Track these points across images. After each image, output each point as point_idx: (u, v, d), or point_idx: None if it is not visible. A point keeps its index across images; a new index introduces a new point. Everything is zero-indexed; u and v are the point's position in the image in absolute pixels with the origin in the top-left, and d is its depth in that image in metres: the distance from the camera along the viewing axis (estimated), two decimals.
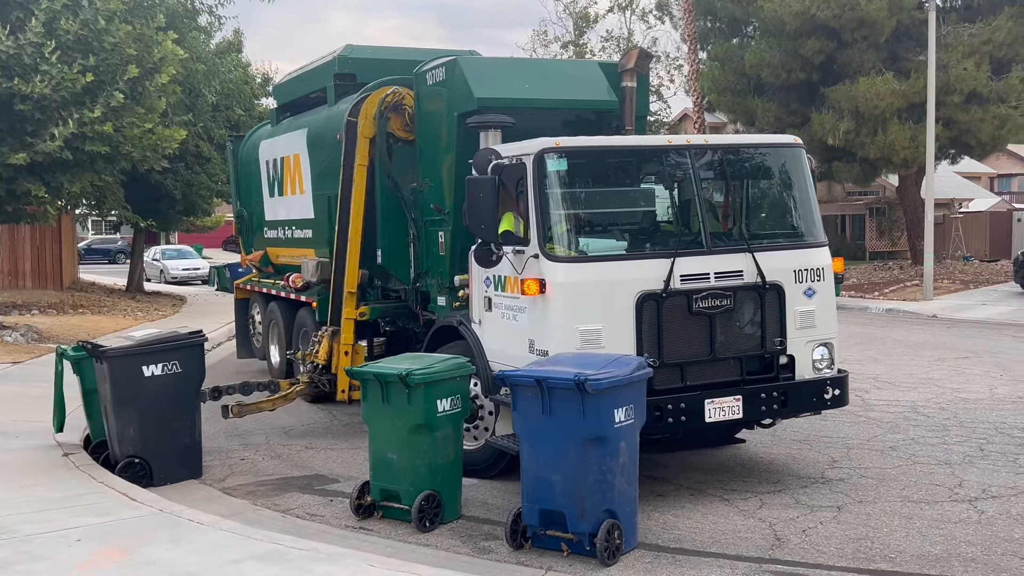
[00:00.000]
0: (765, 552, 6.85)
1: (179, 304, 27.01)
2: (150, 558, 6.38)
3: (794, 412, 8.44)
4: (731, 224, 8.45)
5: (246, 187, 15.43)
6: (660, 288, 7.60)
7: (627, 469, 6.80)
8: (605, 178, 8.48)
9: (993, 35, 27.39)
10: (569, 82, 9.92)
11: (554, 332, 7.49)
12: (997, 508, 7.70)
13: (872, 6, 26.86)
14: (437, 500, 7.48)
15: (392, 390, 7.43)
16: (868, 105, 27.20)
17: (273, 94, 15.10)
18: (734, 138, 8.69)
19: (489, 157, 7.78)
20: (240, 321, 15.70)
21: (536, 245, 7.62)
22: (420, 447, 7.43)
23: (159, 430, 8.80)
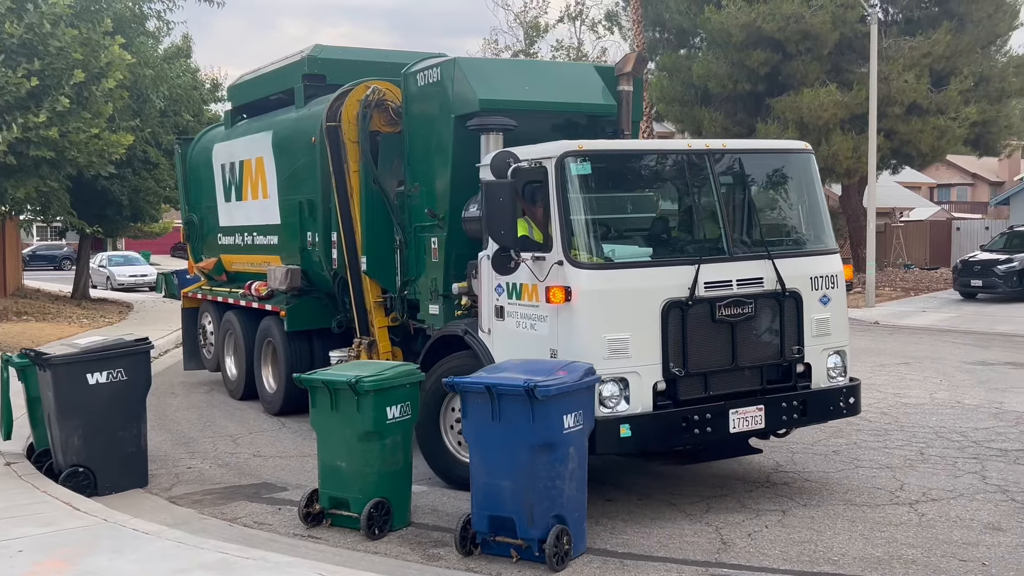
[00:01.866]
0: (711, 556, 6.89)
1: (126, 311, 26.59)
2: (93, 568, 6.27)
3: (812, 421, 8.24)
4: (750, 230, 8.15)
5: (196, 192, 14.76)
6: (685, 296, 7.33)
7: (576, 475, 6.81)
8: (627, 182, 8.17)
9: (932, 48, 27.90)
10: (568, 85, 9.61)
11: (581, 342, 7.16)
12: (937, 511, 7.82)
13: (816, 19, 27.23)
14: (386, 507, 7.43)
15: (341, 397, 7.36)
16: (812, 116, 27.56)
17: (228, 95, 14.40)
18: (749, 143, 8.47)
19: (507, 160, 7.37)
20: (188, 331, 14.91)
21: (560, 251, 7.26)
22: (369, 455, 7.38)
23: (104, 439, 8.64)
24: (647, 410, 7.18)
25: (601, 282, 7.23)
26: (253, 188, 12.70)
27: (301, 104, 11.60)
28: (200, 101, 27.45)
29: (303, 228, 11.33)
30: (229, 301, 13.24)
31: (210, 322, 14.17)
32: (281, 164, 11.88)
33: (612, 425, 7.07)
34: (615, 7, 36.74)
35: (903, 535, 7.24)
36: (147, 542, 6.84)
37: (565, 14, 40.29)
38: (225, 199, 13.62)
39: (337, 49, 12.06)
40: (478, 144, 8.51)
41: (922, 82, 27.84)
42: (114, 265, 39.51)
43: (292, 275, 11.40)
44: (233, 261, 13.63)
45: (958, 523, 7.52)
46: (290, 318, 11.37)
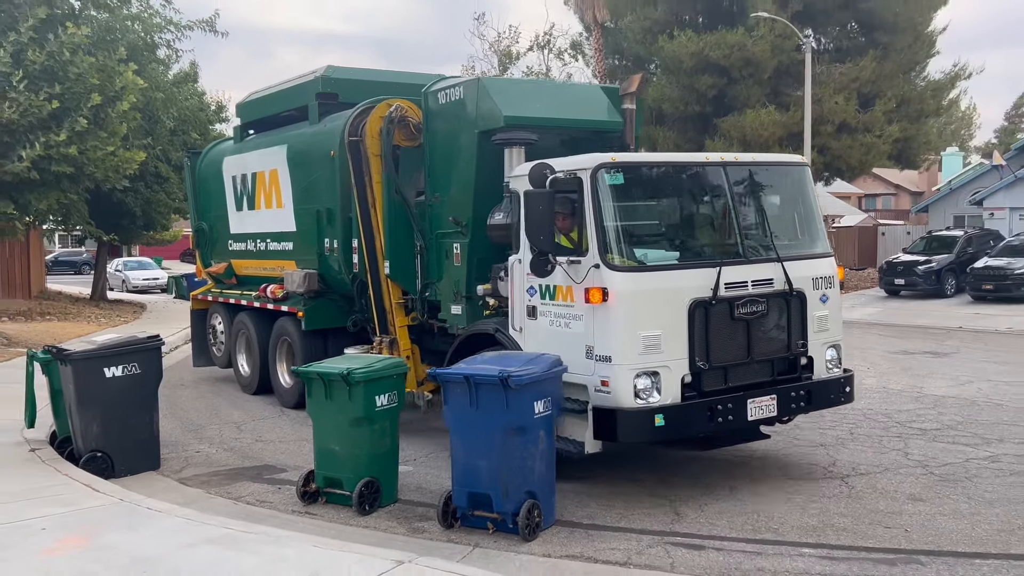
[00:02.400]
0: (667, 526, 6.91)
1: (140, 311, 26.32)
2: (111, 543, 6.20)
3: (815, 408, 8.16)
4: (761, 235, 8.00)
5: (206, 201, 14.29)
6: (709, 295, 7.24)
7: (546, 454, 6.81)
8: (653, 191, 8.00)
9: (860, 74, 28.11)
10: (580, 103, 9.47)
11: (618, 338, 6.99)
12: (865, 484, 7.88)
13: (757, 48, 27.38)
14: (376, 486, 7.39)
15: (334, 388, 7.33)
16: (754, 134, 27.70)
17: (237, 112, 13.66)
18: (757, 156, 8.31)
19: (544, 171, 7.21)
20: (197, 331, 14.46)
21: (596, 255, 7.10)
22: (360, 438, 7.35)
23: (120, 426, 8.56)
24: (676, 401, 7.08)
25: (635, 283, 7.10)
26: (267, 198, 12.41)
27: (316, 120, 11.33)
28: (206, 121, 27.24)
29: (320, 235, 11.04)
30: (242, 303, 12.86)
31: (220, 322, 13.80)
32: (297, 176, 11.60)
33: (648, 415, 6.95)
34: (579, 37, 36.73)
35: (835, 506, 7.29)
36: (159, 519, 6.77)
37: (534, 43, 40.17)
38: (236, 208, 13.26)
39: (348, 70, 11.80)
40: (499, 157, 8.45)
41: (851, 104, 28.05)
42: (129, 269, 39.15)
43: (310, 278, 11.16)
44: (244, 266, 13.32)
45: (884, 494, 7.58)
46: (308, 318, 11.12)
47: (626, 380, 6.94)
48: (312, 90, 11.46)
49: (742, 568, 6.03)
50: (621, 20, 31.07)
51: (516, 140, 8.35)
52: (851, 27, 30.35)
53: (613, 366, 6.97)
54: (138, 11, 20.71)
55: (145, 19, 20.74)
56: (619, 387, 6.94)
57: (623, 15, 30.89)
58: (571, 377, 7.20)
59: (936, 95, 30.79)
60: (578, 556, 6.30)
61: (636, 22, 30.14)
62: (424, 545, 6.53)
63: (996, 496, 7.46)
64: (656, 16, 29.80)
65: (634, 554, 6.31)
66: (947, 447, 9.03)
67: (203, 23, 22.00)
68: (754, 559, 6.19)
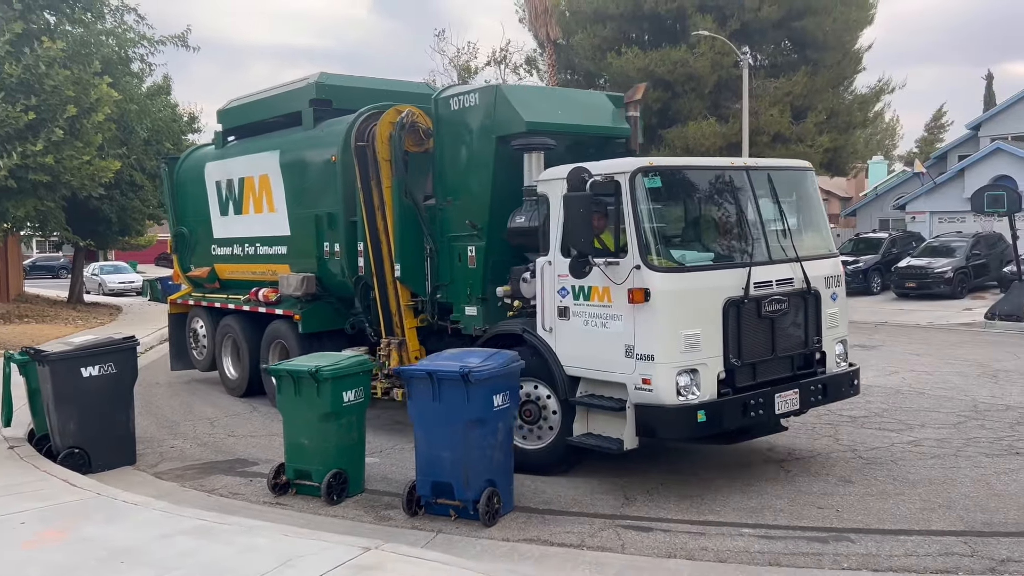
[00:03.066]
0: (617, 510, 6.95)
1: (116, 313, 25.84)
2: (88, 536, 6.09)
3: (829, 400, 7.98)
4: (781, 236, 7.79)
5: (186, 206, 13.56)
6: (741, 295, 7.08)
7: (504, 445, 6.82)
8: (687, 194, 7.80)
9: (793, 88, 28.50)
10: (590, 110, 9.22)
11: (660, 337, 6.78)
12: (799, 468, 7.99)
13: (698, 64, 27.65)
14: (343, 477, 7.35)
15: (303, 384, 7.26)
16: (696, 144, 27.95)
17: (219, 118, 12.98)
18: (770, 161, 8.18)
19: (582, 175, 6.97)
20: (175, 335, 13.74)
21: (637, 257, 6.87)
22: (328, 432, 7.29)
23: (97, 423, 8.40)
24: (713, 397, 6.92)
25: (676, 283, 6.91)
26: (256, 203, 11.87)
27: (311, 126, 10.92)
28: (179, 132, 26.83)
29: (320, 239, 10.56)
30: (229, 307, 12.29)
31: (202, 326, 13.18)
32: (291, 180, 11.11)
33: (691, 412, 6.78)
34: (533, 53, 36.78)
35: (773, 488, 7.39)
36: (135, 512, 6.66)
37: (492, 58, 40.13)
38: (221, 213, 12.67)
39: (341, 77, 11.35)
40: (516, 162, 8.30)
41: (785, 116, 28.43)
42: (105, 273, 38.46)
43: (307, 282, 10.69)
44: (229, 270, 12.71)
45: (817, 477, 7.69)
46: (305, 321, 10.66)
47: (668, 378, 6.76)
48: (306, 96, 11.07)
49: (687, 548, 6.09)
50: (572, 37, 31.20)
51: (535, 145, 8.19)
52: (785, 45, 30.76)
53: (656, 364, 6.77)
54: (112, 26, 20.38)
55: (119, 34, 20.42)
56: (662, 385, 6.76)
57: (574, 33, 31.02)
58: (607, 376, 7.10)
59: (863, 108, 31.35)
60: (535, 540, 6.31)
61: (586, 39, 30.28)
62: (390, 532, 6.50)
63: (918, 477, 7.61)
64: (605, 34, 29.97)
65: (587, 537, 6.34)
66: (874, 433, 9.19)
67: (175, 38, 21.70)
68: (698, 539, 6.25)
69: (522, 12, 35.17)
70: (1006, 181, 28.93)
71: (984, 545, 6.00)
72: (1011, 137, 35.13)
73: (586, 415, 7.39)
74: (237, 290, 12.31)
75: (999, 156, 32.14)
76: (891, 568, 5.67)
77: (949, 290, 24.53)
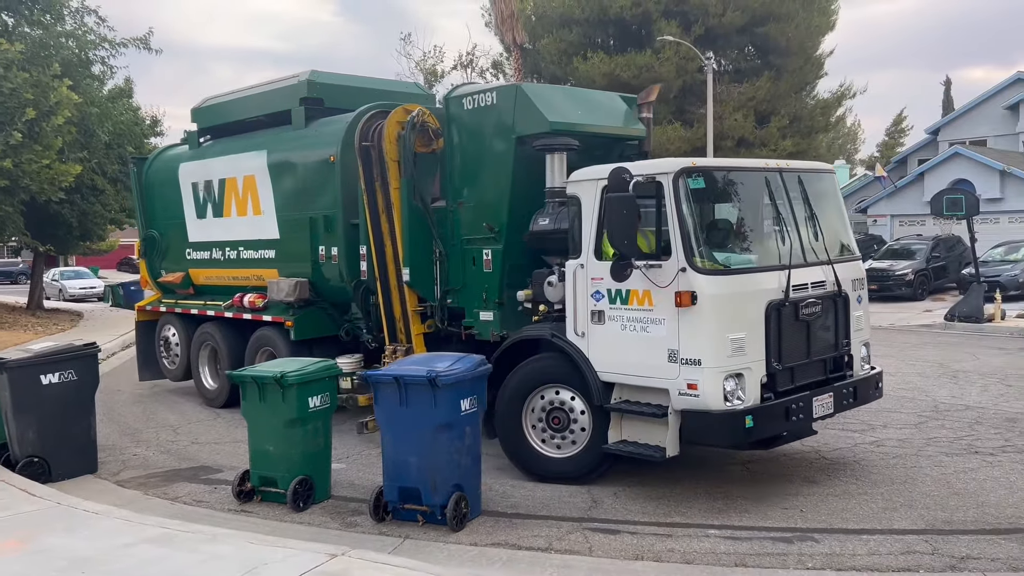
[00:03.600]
0: (584, 513, 6.96)
1: (77, 319, 25.44)
2: (48, 546, 5.97)
3: (858, 404, 7.82)
4: (813, 238, 7.64)
5: (156, 209, 12.94)
6: (781, 297, 6.94)
7: (472, 449, 6.80)
8: (726, 195, 7.60)
9: (756, 93, 28.88)
10: (607, 111, 9.00)
11: (708, 341, 6.61)
12: (764, 469, 8.06)
13: (664, 68, 27.89)
14: (309, 483, 7.28)
15: (268, 390, 7.20)
16: (661, 148, 28.08)
17: (193, 117, 12.40)
18: (797, 164, 7.92)
19: (624, 176, 6.75)
20: (143, 343, 13.08)
21: (683, 259, 6.67)
22: (294, 438, 7.23)
23: (57, 432, 8.26)
24: (756, 402, 6.77)
25: (723, 286, 6.73)
26: (239, 205, 11.35)
27: (301, 125, 10.52)
28: (141, 135, 26.45)
29: (315, 242, 10.16)
30: (207, 313, 11.74)
31: (174, 334, 12.56)
32: (280, 182, 10.67)
33: (739, 417, 6.61)
34: (500, 58, 36.89)
35: (738, 489, 7.44)
36: (97, 521, 6.55)
37: (458, 62, 40.19)
38: (198, 216, 12.09)
39: (332, 75, 10.93)
40: (535, 162, 8.14)
41: (748, 121, 28.78)
42: (66, 279, 37.85)
43: (300, 287, 10.24)
44: (206, 275, 12.16)
45: (781, 478, 7.76)
46: (298, 328, 10.25)
47: (716, 383, 6.59)
48: (296, 94, 10.66)
49: (654, 550, 6.12)
50: (539, 42, 31.33)
51: (558, 146, 8.00)
52: (748, 50, 31.16)
53: (703, 369, 6.59)
54: (72, 28, 20.12)
55: (79, 36, 20.15)
56: (709, 390, 6.58)
57: (540, 37, 31.16)
58: (647, 381, 6.93)
59: (825, 113, 31.84)
60: (503, 543, 6.30)
61: (552, 44, 30.43)
62: (357, 538, 6.46)
63: (880, 477, 7.71)
64: (571, 39, 30.15)
65: (555, 540, 6.34)
66: (837, 433, 9.29)
67: (137, 40, 21.46)
68: (665, 541, 6.28)
69: (488, 16, 35.28)
70: (964, 185, 29.49)
71: (945, 543, 6.09)
72: (969, 142, 35.85)
73: (620, 422, 7.19)
74: (215, 296, 11.89)
75: (957, 160, 32.75)
76: (854, 567, 5.74)
77: (910, 292, 24.90)
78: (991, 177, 31.59)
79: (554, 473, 7.61)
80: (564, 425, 7.56)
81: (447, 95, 9.06)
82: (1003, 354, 14.94)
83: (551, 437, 7.65)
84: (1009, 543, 6.06)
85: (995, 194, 31.26)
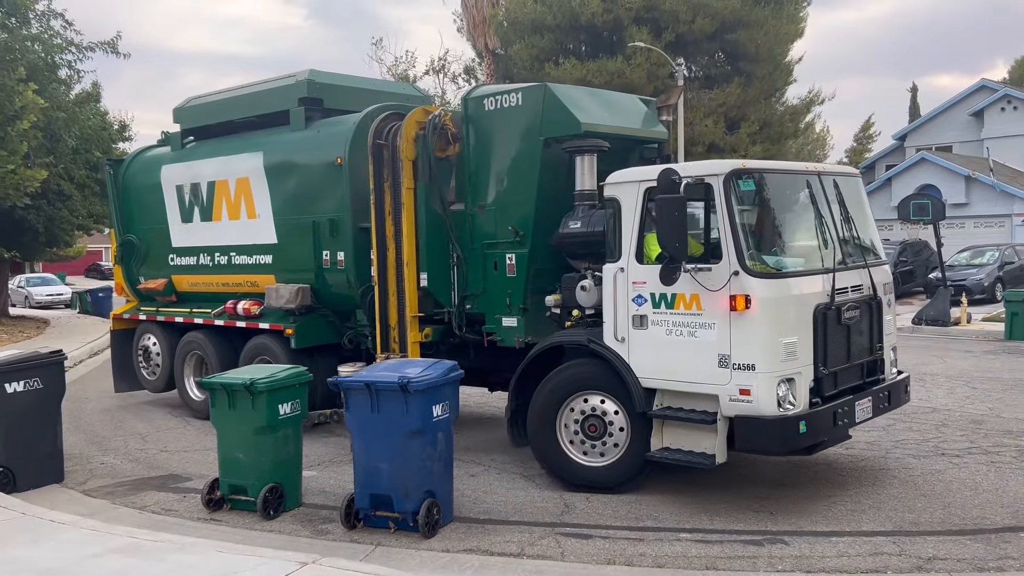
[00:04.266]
0: (557, 518, 6.97)
1: (43, 327, 25.05)
2: (13, 557, 5.88)
3: (892, 408, 7.79)
4: (851, 242, 7.58)
5: (135, 213, 12.40)
6: (827, 301, 6.87)
7: (444, 455, 6.79)
8: (773, 198, 7.41)
9: (727, 99, 29.13)
10: (632, 113, 8.86)
11: (762, 346, 6.50)
12: (734, 471, 8.05)
13: (635, 75, 28.06)
14: (280, 491, 7.23)
15: (238, 397, 7.14)
16: None
17: (176, 117, 11.90)
18: (831, 167, 7.85)
19: (673, 177, 6.55)
20: (119, 353, 12.56)
21: (735, 262, 6.55)
22: (264, 446, 7.17)
23: (22, 441, 8.12)
24: (806, 407, 6.67)
25: (775, 290, 6.63)
26: (231, 208, 10.92)
27: (300, 126, 10.19)
28: (109, 140, 26.14)
29: (318, 247, 9.84)
30: (195, 321, 11.33)
31: (155, 343, 12.08)
32: (279, 184, 10.30)
33: (793, 422, 6.52)
34: (472, 63, 36.93)
35: (709, 492, 7.48)
36: (63, 531, 6.45)
37: (430, 67, 40.16)
38: (183, 220, 11.59)
39: (330, 75, 10.62)
40: (561, 165, 8.02)
41: (719, 126, 29.01)
42: (32, 286, 37.31)
43: (302, 293, 9.88)
44: (192, 281, 11.66)
45: (753, 482, 7.82)
46: (299, 335, 9.89)
47: (770, 388, 6.49)
48: (294, 94, 10.32)
49: (626, 554, 6.14)
50: (511, 48, 31.40)
51: (588, 148, 7.88)
52: (718, 56, 31.42)
53: (757, 374, 6.49)
54: (38, 32, 19.86)
55: (46, 40, 19.91)
56: (762, 395, 6.48)
57: (512, 43, 31.22)
58: (694, 387, 6.81)
59: (794, 119, 32.18)
60: (475, 550, 6.29)
61: (524, 50, 30.50)
62: (328, 546, 6.42)
63: (849, 479, 7.80)
64: (543, 44, 30.24)
65: (527, 545, 6.34)
66: None
67: (105, 44, 21.24)
68: (636, 545, 6.30)
69: (460, 22, 35.33)
70: (931, 190, 29.94)
71: (912, 544, 6.17)
72: (935, 148, 36.39)
73: (661, 429, 7.06)
74: (201, 303, 11.43)
75: (924, 166, 33.25)
76: (823, 569, 5.79)
77: None
78: (957, 182, 32.11)
79: (590, 482, 7.46)
80: (601, 433, 7.38)
81: (465, 95, 8.89)
82: (969, 357, 15.17)
83: (589, 445, 7.46)
84: (974, 544, 6.15)
85: (961, 199, 31.77)
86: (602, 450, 7.43)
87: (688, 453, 6.89)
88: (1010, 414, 10.41)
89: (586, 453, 7.49)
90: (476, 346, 8.84)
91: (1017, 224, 31.55)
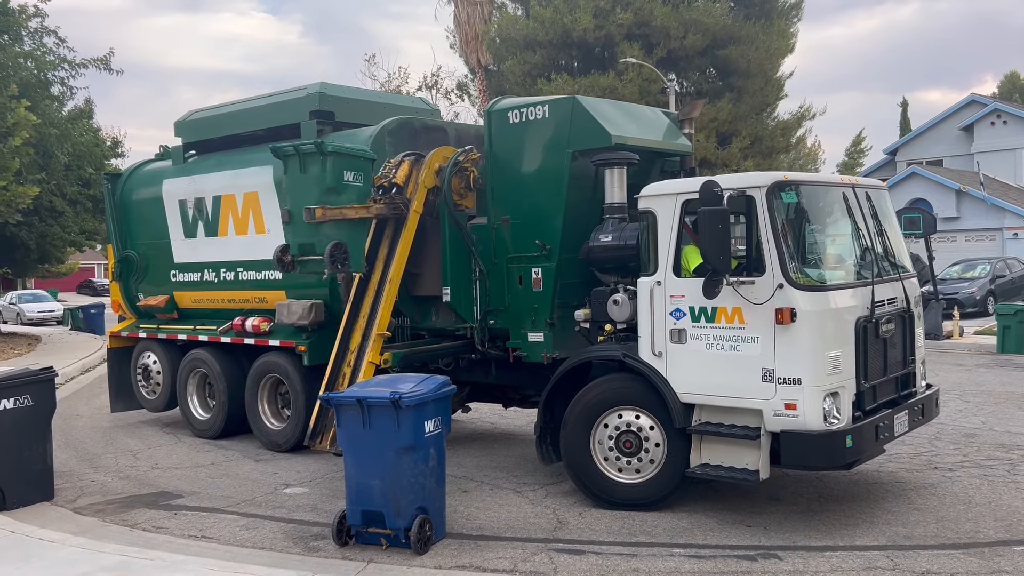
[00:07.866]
0: (550, 533, 6.94)
1: (35, 343, 24.94)
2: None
3: (926, 421, 7.71)
4: (885, 255, 7.55)
5: (131, 228, 12.17)
6: (868, 314, 6.82)
7: (436, 471, 6.75)
8: (813, 211, 7.33)
9: (718, 114, 29.21)
10: (656, 127, 8.84)
11: (807, 360, 6.42)
12: (727, 486, 8.03)
13: (627, 90, 28.14)
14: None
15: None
16: None
17: (178, 131, 11.70)
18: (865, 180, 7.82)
19: (715, 189, 6.46)
20: (117, 372, 12.28)
21: (779, 275, 6.48)
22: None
23: (12, 459, 8.05)
24: (849, 422, 6.60)
25: (820, 303, 6.57)
26: (238, 223, 10.68)
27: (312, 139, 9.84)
28: (102, 156, 26.18)
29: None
30: (199, 338, 11.07)
31: (155, 361, 11.81)
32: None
33: (840, 437, 6.45)
34: (464, 79, 37.05)
35: (702, 507, 7.46)
36: (53, 549, 6.41)
37: (423, 83, 40.28)
38: (187, 235, 11.32)
39: (341, 88, 10.58)
40: (587, 177, 7.98)
41: (711, 141, 29.08)
42: (24, 302, 37.22)
43: (316, 309, 9.70)
44: (195, 297, 11.41)
45: (744, 495, 7.79)
46: (311, 352, 9.68)
47: (816, 402, 6.41)
48: (305, 107, 10.18)
49: (619, 570, 6.11)
50: (503, 64, 31.50)
51: (618, 160, 7.83)
52: (710, 72, 31.54)
53: (804, 388, 6.40)
54: (31, 48, 19.90)
55: (38, 57, 19.95)
56: (809, 410, 6.40)
57: (505, 59, 31.33)
58: (737, 402, 6.71)
59: (785, 133, 32.27)
60: (467, 566, 6.25)
61: (517, 66, 30.60)
62: (320, 563, 6.38)
63: (842, 493, 7.78)
64: (535, 60, 30.35)
65: (520, 562, 6.31)
66: None
67: (98, 61, 21.29)
68: (630, 560, 6.28)
69: (453, 38, 35.45)
70: (922, 204, 30.06)
71: (905, 558, 6.16)
72: (926, 162, 36.61)
73: (700, 445, 6.96)
74: (204, 320, 11.24)
75: (915, 180, 33.42)
76: None
77: None
78: (948, 196, 32.27)
79: (626, 499, 7.34)
80: (636, 449, 7.25)
81: (488, 108, 8.77)
82: (961, 370, 15.20)
83: (624, 462, 7.33)
84: (968, 557, 6.14)
85: (952, 213, 31.92)
86: (637, 466, 7.30)
87: (729, 469, 6.79)
88: (1003, 427, 10.43)
89: (621, 470, 7.35)
90: (499, 362, 8.73)
91: (1008, 237, 31.73)
